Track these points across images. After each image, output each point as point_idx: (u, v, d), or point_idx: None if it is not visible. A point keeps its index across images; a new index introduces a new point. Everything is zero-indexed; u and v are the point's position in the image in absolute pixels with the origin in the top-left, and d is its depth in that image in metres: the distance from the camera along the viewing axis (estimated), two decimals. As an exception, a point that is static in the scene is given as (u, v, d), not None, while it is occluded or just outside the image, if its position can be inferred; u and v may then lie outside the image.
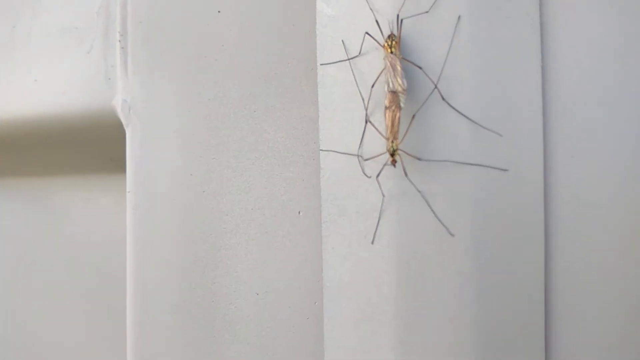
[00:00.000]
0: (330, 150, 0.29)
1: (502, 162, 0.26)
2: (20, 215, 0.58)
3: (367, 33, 0.27)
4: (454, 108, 0.26)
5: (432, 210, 0.26)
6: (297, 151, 0.33)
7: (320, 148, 0.29)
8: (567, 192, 0.26)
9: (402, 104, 0.25)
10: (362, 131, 0.28)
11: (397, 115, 0.25)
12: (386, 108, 0.26)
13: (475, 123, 0.25)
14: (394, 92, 0.26)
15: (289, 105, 0.33)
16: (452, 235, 0.26)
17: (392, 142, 0.25)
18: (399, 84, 0.25)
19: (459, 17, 0.26)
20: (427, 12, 0.26)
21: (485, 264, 0.26)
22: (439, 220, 0.26)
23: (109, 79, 0.43)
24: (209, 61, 0.36)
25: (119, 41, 0.41)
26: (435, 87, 0.26)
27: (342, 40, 0.28)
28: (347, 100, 0.28)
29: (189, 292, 0.36)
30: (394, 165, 0.26)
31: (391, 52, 0.26)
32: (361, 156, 0.28)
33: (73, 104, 0.45)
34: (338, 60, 0.29)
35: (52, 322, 0.55)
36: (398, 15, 0.26)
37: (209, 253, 0.36)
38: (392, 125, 0.25)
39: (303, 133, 0.33)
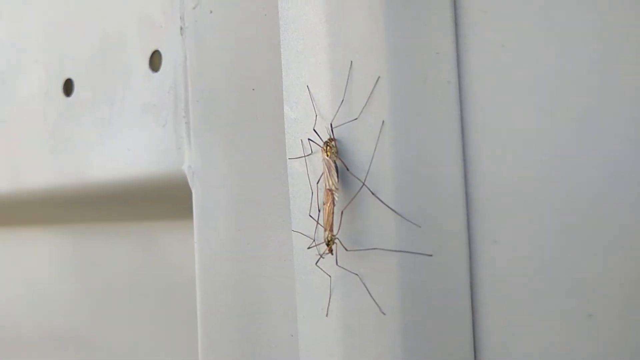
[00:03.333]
0: (298, 232, 0.34)
1: (426, 248, 0.29)
2: (130, 254, 0.71)
3: (309, 139, 0.32)
4: (381, 201, 0.29)
5: (368, 290, 0.30)
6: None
7: (292, 229, 0.35)
8: (490, 275, 0.28)
9: (336, 201, 0.30)
10: (315, 219, 0.32)
11: (332, 209, 0.30)
12: (323, 203, 0.30)
13: (399, 215, 0.29)
14: (329, 190, 0.30)
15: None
16: (384, 314, 0.29)
17: (328, 233, 0.30)
18: (332, 183, 0.30)
19: (382, 121, 0.29)
20: (356, 119, 0.30)
21: (413, 342, 0.29)
22: (373, 300, 0.30)
23: (179, 148, 0.53)
24: (246, 131, 0.42)
25: (184, 117, 0.50)
26: (363, 184, 0.30)
27: (301, 140, 0.34)
28: (307, 192, 0.33)
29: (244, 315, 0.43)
30: (331, 253, 0.30)
31: (327, 155, 0.30)
32: (315, 240, 0.32)
33: (154, 168, 0.56)
34: (299, 156, 0.34)
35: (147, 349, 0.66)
36: (331, 124, 0.31)
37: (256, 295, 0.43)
38: (328, 218, 0.30)
39: None
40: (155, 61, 0.58)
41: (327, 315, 0.32)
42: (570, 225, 0.26)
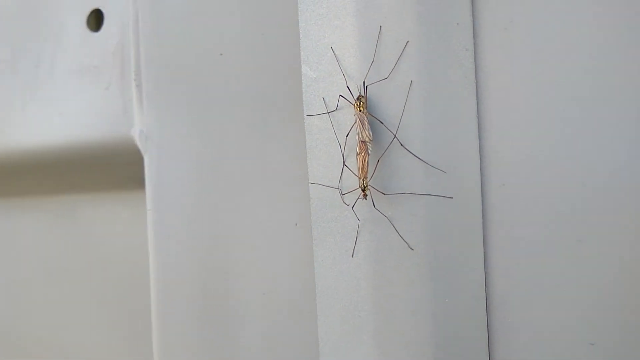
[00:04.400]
0: (317, 184, 0.37)
1: (448, 192, 0.34)
2: (50, 229, 0.66)
3: (340, 95, 0.34)
4: (410, 152, 0.33)
5: (397, 230, 0.34)
6: (293, 174, 0.41)
7: (309, 181, 0.37)
8: (499, 214, 0.34)
9: (370, 151, 0.33)
10: (340, 170, 0.35)
11: (366, 159, 0.33)
12: (357, 154, 0.34)
13: (427, 163, 0.33)
14: (363, 142, 0.33)
15: (284, 136, 0.41)
16: (412, 249, 0.34)
17: (363, 180, 0.33)
18: (367, 135, 0.33)
19: (411, 82, 0.33)
20: (386, 78, 0.34)
21: (437, 271, 0.34)
22: (402, 238, 0.34)
23: (126, 112, 0.51)
24: (213, 96, 0.43)
25: (134, 79, 0.48)
26: (395, 136, 0.33)
27: (323, 98, 0.36)
28: (328, 145, 0.36)
29: (203, 293, 0.44)
30: (365, 198, 0.33)
31: (360, 110, 0.34)
32: (340, 189, 0.35)
33: (95, 134, 0.53)
34: (320, 112, 0.36)
35: (76, 325, 0.62)
36: (364, 82, 0.34)
37: (220, 260, 0.44)
38: (362, 167, 0.33)
39: (298, 161, 0.40)
40: (95, 20, 0.55)
41: (352, 255, 0.35)
42: (561, 170, 0.33)
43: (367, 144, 0.33)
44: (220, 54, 0.44)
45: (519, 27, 0.33)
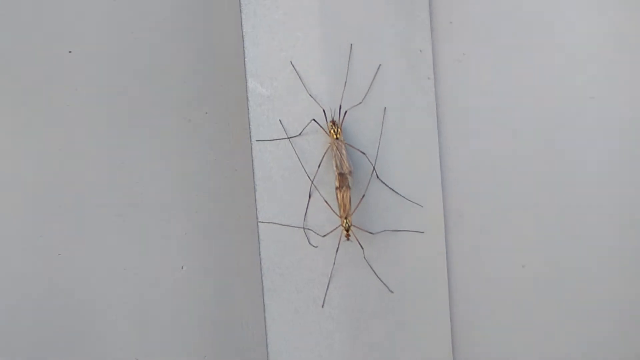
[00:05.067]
0: (270, 223, 0.30)
1: (418, 226, 0.32)
2: None
3: (314, 120, 0.29)
4: (387, 186, 0.31)
5: (375, 272, 0.30)
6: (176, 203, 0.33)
7: (259, 220, 0.31)
8: (459, 247, 0.33)
9: (350, 184, 0.29)
10: (304, 206, 0.30)
11: (348, 194, 0.29)
12: (337, 188, 0.29)
13: (405, 198, 0.31)
14: (341, 174, 0.29)
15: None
16: (392, 292, 0.31)
17: (346, 218, 0.29)
18: (347, 166, 0.29)
19: (385, 108, 0.31)
20: (360, 103, 0.30)
21: (412, 311, 0.31)
22: (381, 281, 0.30)
23: None
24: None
25: None
26: (374, 168, 0.30)
27: (280, 120, 0.30)
28: (286, 177, 0.31)
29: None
30: (348, 239, 0.29)
31: (336, 138, 0.29)
32: (308, 228, 0.30)
33: None
34: (277, 137, 0.30)
35: None
36: (340, 106, 0.30)
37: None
38: (344, 204, 0.29)
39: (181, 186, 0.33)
40: None
41: (323, 306, 0.30)
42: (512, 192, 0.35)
43: (347, 176, 0.29)
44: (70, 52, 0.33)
45: (470, 59, 0.34)
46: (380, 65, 0.31)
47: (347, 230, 0.29)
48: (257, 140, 0.30)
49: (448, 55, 0.33)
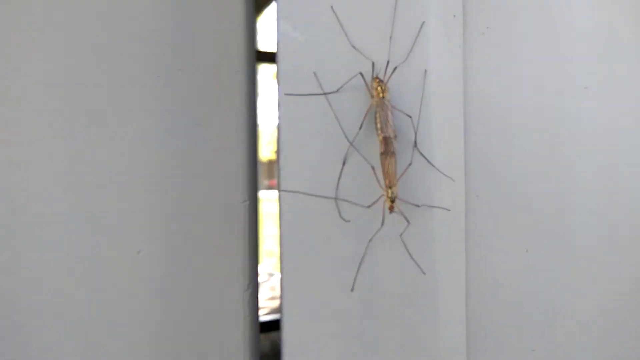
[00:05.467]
0: (296, 192, 0.26)
1: (447, 203, 0.29)
2: None
3: (360, 74, 0.26)
4: (423, 156, 0.28)
5: (409, 252, 0.27)
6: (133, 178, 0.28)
7: (282, 188, 0.26)
8: (475, 227, 0.32)
9: (395, 150, 0.26)
10: (338, 172, 0.26)
11: (394, 161, 0.25)
12: (381, 154, 0.25)
13: (440, 172, 0.28)
14: (387, 138, 0.26)
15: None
16: (424, 273, 0.28)
17: (391, 189, 0.25)
18: (392, 129, 0.26)
19: (425, 71, 0.28)
20: (404, 61, 0.27)
21: (440, 291, 0.29)
22: (415, 262, 0.28)
23: None
24: None
25: None
26: (415, 135, 0.27)
27: (315, 73, 0.26)
28: (317, 138, 0.26)
29: None
30: (391, 212, 0.26)
31: (382, 97, 0.26)
32: (342, 198, 0.26)
33: None
34: (311, 93, 0.26)
35: None
36: (388, 62, 0.26)
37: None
38: (389, 172, 0.25)
39: (144, 159, 0.28)
40: None
41: (352, 289, 0.26)
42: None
43: (393, 141, 0.26)
44: None
45: (494, 32, 0.33)
46: (423, 22, 0.28)
47: (393, 202, 0.25)
48: (285, 94, 0.26)
49: (474, 26, 0.32)
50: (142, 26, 0.26)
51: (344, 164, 0.26)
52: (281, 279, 0.26)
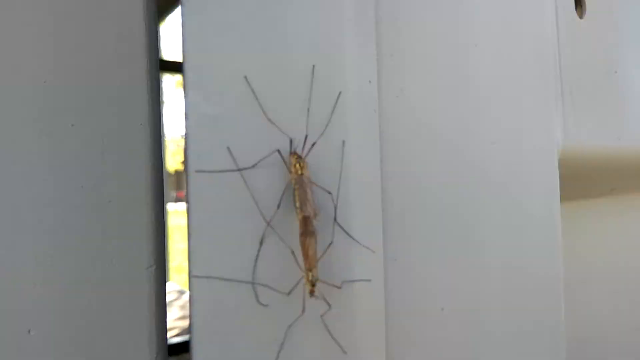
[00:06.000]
0: (210, 277, 0.24)
1: (367, 274, 0.29)
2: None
3: (278, 151, 0.24)
4: (344, 230, 0.27)
5: (330, 333, 0.26)
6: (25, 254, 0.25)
7: (193, 274, 0.24)
8: (395, 292, 0.32)
9: (317, 230, 0.25)
10: (254, 254, 0.24)
11: (314, 242, 0.24)
12: (301, 235, 0.24)
13: (360, 244, 0.28)
14: (307, 217, 0.24)
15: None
16: (345, 352, 0.27)
17: (311, 271, 0.24)
18: (312, 208, 0.24)
19: (343, 141, 0.27)
20: (322, 135, 0.26)
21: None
22: (336, 342, 0.26)
23: None
24: None
25: None
26: (336, 210, 0.26)
27: (228, 148, 0.24)
28: (231, 217, 0.24)
29: None
30: (312, 295, 0.24)
31: (300, 174, 0.24)
32: (259, 283, 0.24)
33: None
34: (223, 169, 0.24)
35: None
36: (307, 136, 0.25)
37: None
38: (309, 254, 0.24)
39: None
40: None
41: (273, 377, 0.24)
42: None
43: (313, 221, 0.24)
44: None
45: (410, 93, 0.33)
46: (340, 92, 0.27)
47: (313, 286, 0.24)
48: (196, 171, 0.24)
49: (390, 89, 0.32)
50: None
51: (261, 244, 0.24)
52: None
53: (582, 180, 0.49)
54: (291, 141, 0.25)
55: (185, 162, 0.24)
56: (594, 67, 0.46)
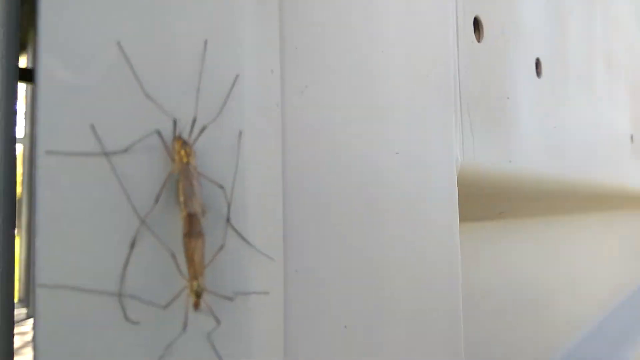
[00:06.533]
0: (62, 286, 0.19)
1: (265, 285, 0.25)
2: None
3: (158, 132, 0.20)
4: (238, 233, 0.23)
5: (218, 354, 0.22)
6: None
7: (40, 282, 0.18)
8: (295, 306, 0.28)
9: (203, 231, 0.20)
10: (123, 259, 0.20)
11: (200, 244, 0.20)
12: (185, 235, 0.20)
13: (258, 250, 0.24)
14: (192, 215, 0.20)
15: None
16: (236, 378, 0.22)
17: (196, 280, 0.20)
18: (200, 205, 0.20)
19: (240, 132, 0.24)
20: (214, 120, 0.22)
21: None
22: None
23: None
24: None
25: None
26: (229, 209, 0.22)
27: (93, 125, 0.20)
28: (93, 213, 0.19)
29: None
30: (197, 309, 0.20)
31: (186, 162, 0.20)
32: (128, 295, 0.19)
33: None
34: (84, 152, 0.19)
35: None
36: (195, 119, 0.21)
37: None
38: (195, 259, 0.20)
39: None
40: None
41: (142, 415, 0.19)
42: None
43: (200, 219, 0.20)
44: None
45: (313, 92, 0.30)
46: (237, 75, 0.24)
47: (199, 297, 0.20)
48: (47, 152, 0.19)
49: (294, 84, 0.29)
50: None
51: (132, 247, 0.20)
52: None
53: (476, 201, 0.49)
54: (175, 122, 0.20)
55: (34, 141, 0.19)
56: (489, 91, 0.47)
